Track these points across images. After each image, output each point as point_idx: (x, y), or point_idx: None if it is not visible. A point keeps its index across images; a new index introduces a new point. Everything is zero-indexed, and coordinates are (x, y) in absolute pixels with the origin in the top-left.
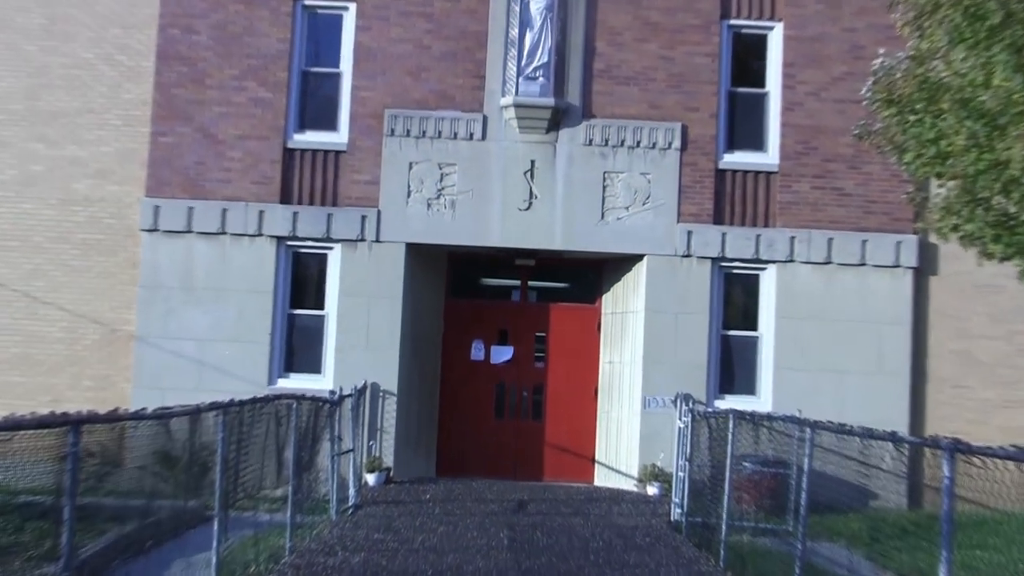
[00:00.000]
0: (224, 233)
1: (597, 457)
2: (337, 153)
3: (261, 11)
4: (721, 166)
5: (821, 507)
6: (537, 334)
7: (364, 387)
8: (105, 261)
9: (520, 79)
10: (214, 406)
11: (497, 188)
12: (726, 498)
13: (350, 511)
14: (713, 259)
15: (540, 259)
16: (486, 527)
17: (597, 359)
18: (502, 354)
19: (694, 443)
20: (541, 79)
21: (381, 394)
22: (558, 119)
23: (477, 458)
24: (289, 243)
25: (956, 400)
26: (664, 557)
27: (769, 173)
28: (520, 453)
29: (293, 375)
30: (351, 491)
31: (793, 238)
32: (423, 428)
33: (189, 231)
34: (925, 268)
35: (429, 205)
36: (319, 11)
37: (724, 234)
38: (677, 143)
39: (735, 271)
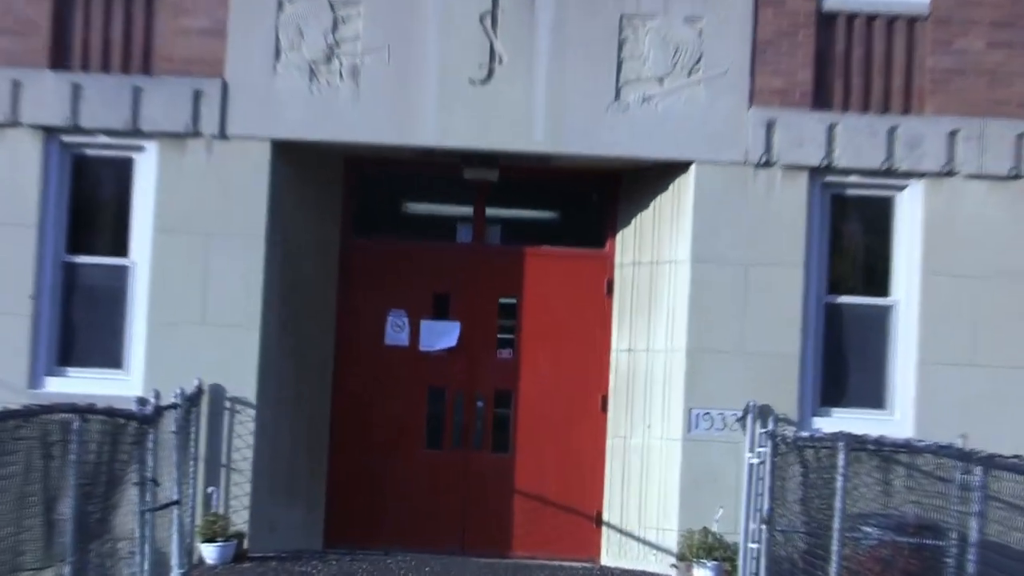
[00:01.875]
0: None
1: (606, 516)
2: None
3: None
4: (828, 6)
5: None
6: (502, 301)
7: (198, 392)
8: None
9: None
10: None
11: (432, 44)
12: None
13: None
14: (813, 170)
15: (507, 170)
16: None
17: (606, 345)
18: (440, 335)
19: (777, 492)
20: None
21: (229, 404)
22: None
23: (397, 518)
24: (66, 139)
25: None
26: None
27: (912, 19)
28: (472, 509)
29: (74, 371)
30: (175, 574)
31: (954, 134)
32: (302, 465)
33: None
34: None
35: (314, 74)
36: None
37: (832, 126)
38: None
39: (851, 192)
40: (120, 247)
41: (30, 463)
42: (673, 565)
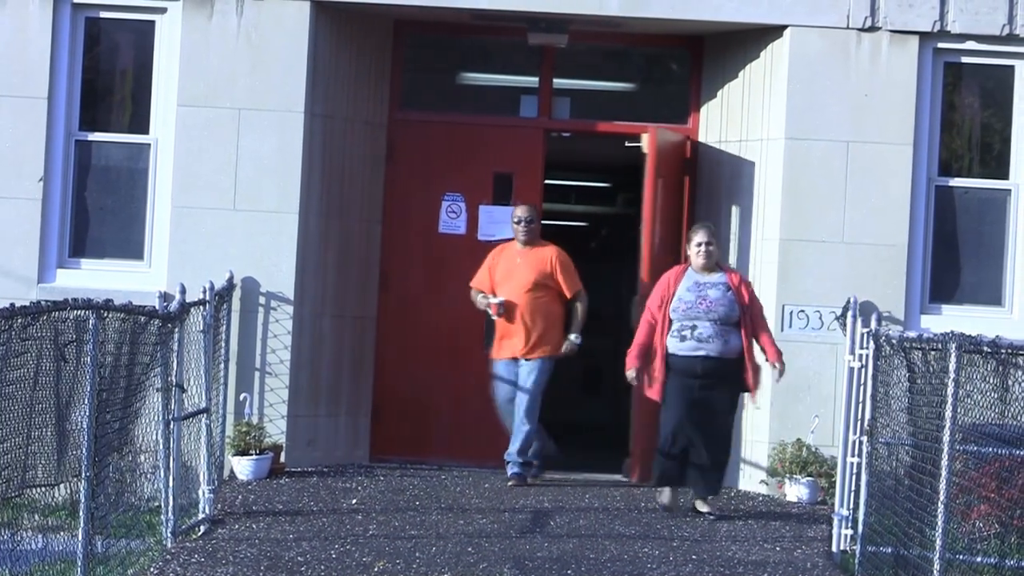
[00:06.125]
0: None
1: None
2: None
3: None
4: None
5: None
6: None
7: (229, 287)
8: None
9: None
10: None
11: None
12: (942, 509)
13: (201, 532)
14: (924, 35)
15: (577, 35)
16: (469, 565)
17: (685, 234)
18: (502, 223)
19: (880, 400)
20: None
21: (263, 301)
22: None
23: (452, 429)
24: (79, 1)
25: None
26: None
27: None
28: None
29: (88, 262)
30: (203, 491)
31: None
32: (346, 369)
33: None
34: None
35: None
36: None
37: None
38: None
39: (967, 60)
40: (140, 123)
41: (39, 367)
42: (763, 481)
